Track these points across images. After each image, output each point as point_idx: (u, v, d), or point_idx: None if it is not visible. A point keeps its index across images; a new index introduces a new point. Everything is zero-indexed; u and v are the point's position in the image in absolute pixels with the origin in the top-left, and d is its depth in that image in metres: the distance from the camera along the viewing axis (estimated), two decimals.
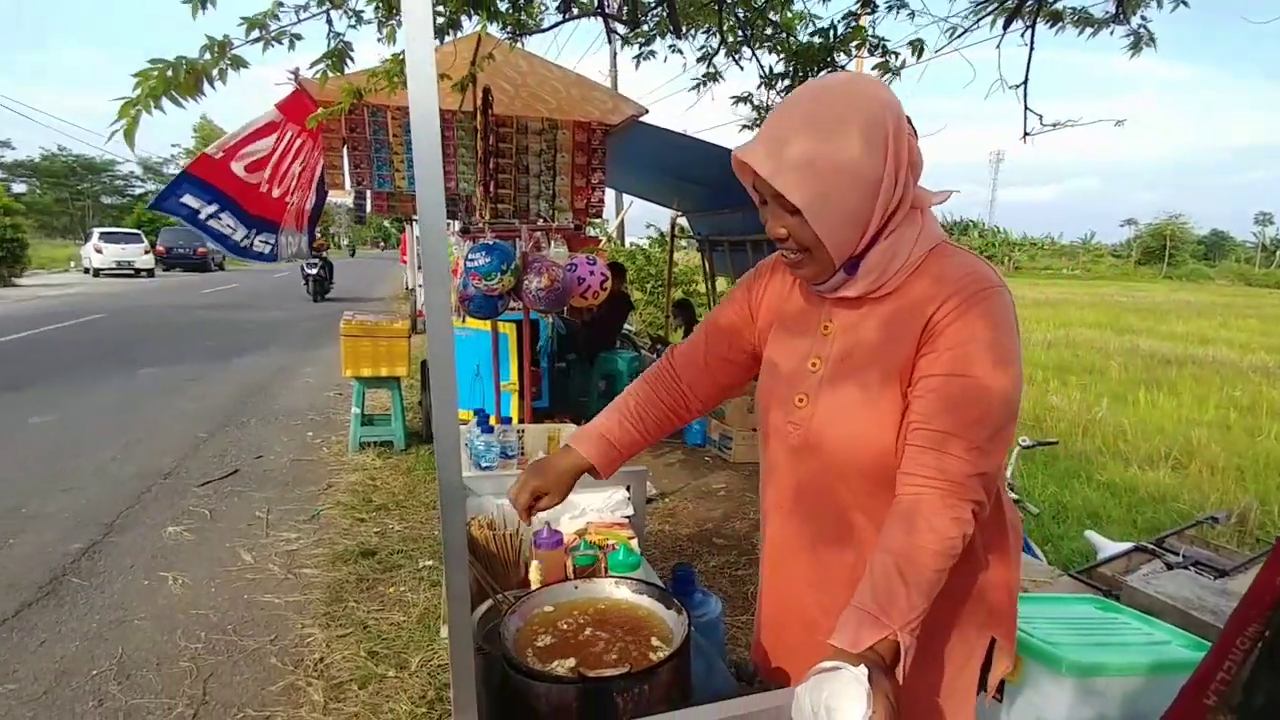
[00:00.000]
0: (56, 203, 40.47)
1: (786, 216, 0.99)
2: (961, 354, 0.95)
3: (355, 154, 3.95)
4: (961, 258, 1.02)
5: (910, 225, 1.01)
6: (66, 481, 4.44)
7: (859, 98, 0.95)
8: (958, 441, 0.93)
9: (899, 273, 1.01)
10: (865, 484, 1.04)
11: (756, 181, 1.00)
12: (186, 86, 2.20)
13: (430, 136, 0.68)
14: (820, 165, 0.93)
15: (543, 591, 1.23)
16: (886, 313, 1.03)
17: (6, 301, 14.69)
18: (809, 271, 1.04)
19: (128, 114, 2.05)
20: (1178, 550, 2.94)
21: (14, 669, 2.59)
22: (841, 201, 0.95)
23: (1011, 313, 0.99)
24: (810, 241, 0.98)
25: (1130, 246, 55.03)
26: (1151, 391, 8.03)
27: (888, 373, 1.01)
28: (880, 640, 0.88)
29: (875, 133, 0.94)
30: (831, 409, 1.05)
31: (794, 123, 0.95)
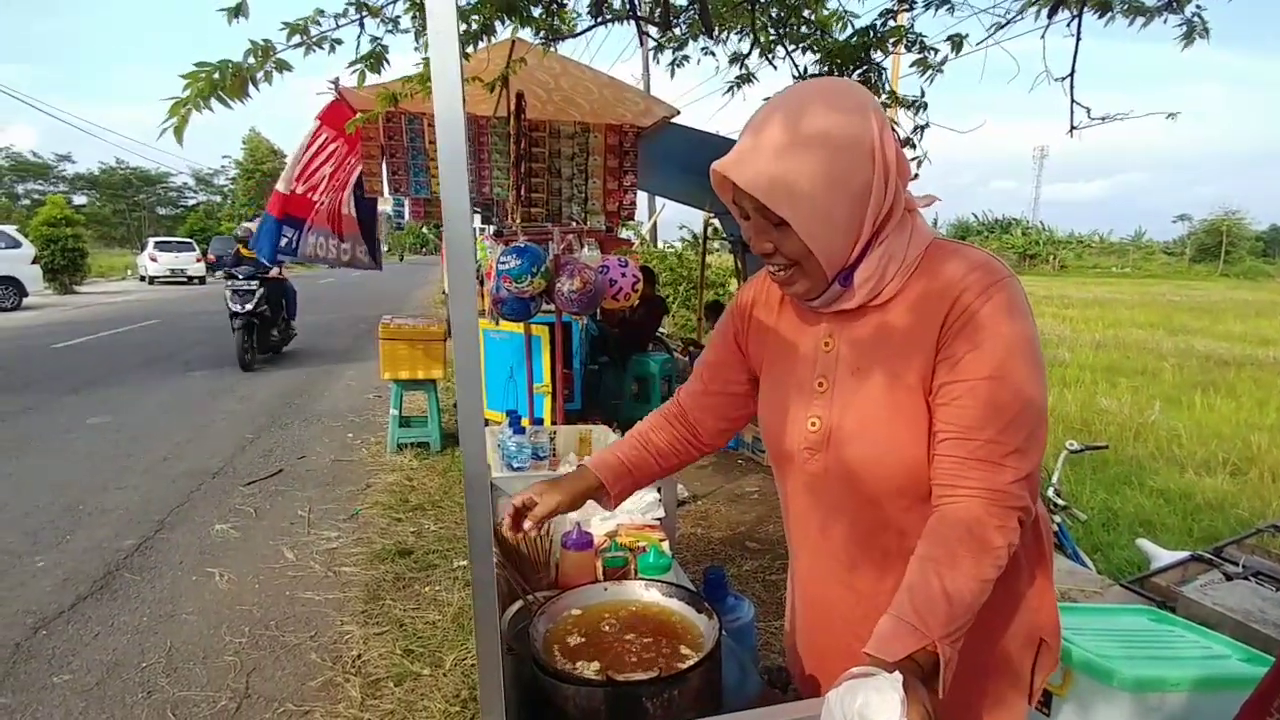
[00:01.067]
0: (115, 214, 42.18)
1: (772, 230, 0.95)
2: (987, 354, 0.90)
3: (393, 161, 4.01)
4: (963, 252, 0.97)
5: (903, 229, 0.97)
6: (121, 480, 4.61)
7: (840, 102, 0.91)
8: (996, 447, 0.89)
9: (896, 277, 0.96)
10: (900, 501, 0.99)
11: (737, 195, 0.96)
12: (233, 88, 2.25)
13: (455, 144, 0.68)
14: (803, 173, 0.89)
15: (572, 594, 1.23)
16: (893, 319, 0.98)
17: (68, 308, 15.33)
18: (801, 287, 0.99)
19: (177, 112, 2.11)
20: (1237, 560, 2.81)
21: (69, 660, 2.69)
22: (828, 209, 0.90)
23: (1025, 301, 0.94)
24: (799, 254, 0.94)
25: (1184, 243, 53.01)
26: (1208, 394, 7.72)
27: (906, 381, 0.96)
28: (918, 650, 0.84)
29: (859, 138, 0.90)
30: (850, 427, 1.00)
31: (773, 132, 0.91)
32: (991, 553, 0.88)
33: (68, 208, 20.38)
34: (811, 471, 1.05)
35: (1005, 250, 50.84)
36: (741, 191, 0.93)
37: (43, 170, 39.84)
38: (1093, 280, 37.22)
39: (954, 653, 0.86)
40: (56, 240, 18.83)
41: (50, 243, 18.63)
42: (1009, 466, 0.89)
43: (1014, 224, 55.13)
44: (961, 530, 0.89)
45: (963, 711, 1.08)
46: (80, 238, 19.87)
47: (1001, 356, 0.89)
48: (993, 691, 1.08)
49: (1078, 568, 3.28)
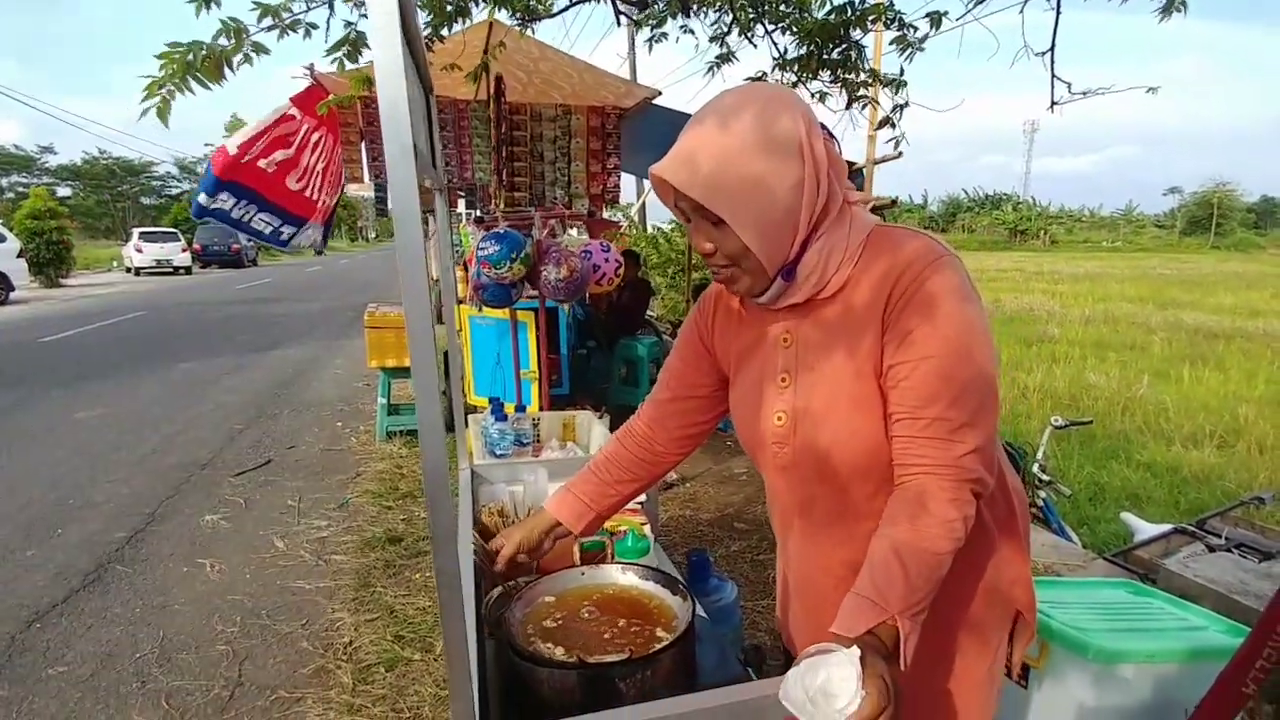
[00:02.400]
0: (99, 205, 41.63)
1: (710, 229, 0.97)
2: (928, 333, 0.92)
3: (373, 147, 3.97)
4: (901, 236, 0.99)
5: (841, 222, 0.99)
6: (111, 473, 4.60)
7: (768, 104, 0.94)
8: (943, 424, 0.91)
9: (841, 268, 0.98)
10: (866, 485, 1.02)
11: (677, 198, 0.98)
12: (207, 69, 2.22)
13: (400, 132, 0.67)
14: (736, 172, 0.92)
15: (549, 578, 1.23)
16: (840, 310, 1.00)
17: (54, 301, 15.20)
18: (743, 284, 1.01)
19: (155, 92, 2.08)
20: (1220, 532, 2.84)
21: (63, 652, 2.70)
22: (762, 206, 0.93)
23: (967, 279, 0.95)
24: (737, 252, 0.96)
25: (1174, 216, 53.13)
26: (1196, 367, 7.77)
27: (859, 369, 0.98)
28: (878, 625, 0.86)
29: (786, 136, 0.93)
30: (813, 419, 1.02)
31: (705, 134, 0.94)
32: (945, 526, 0.90)
33: (51, 199, 20.11)
34: (783, 463, 1.08)
35: (996, 226, 50.92)
36: (681, 194, 0.96)
37: (26, 163, 39.21)
38: (1083, 255, 37.31)
39: (914, 626, 0.88)
40: (41, 233, 18.59)
41: (35, 235, 18.40)
42: (958, 441, 0.91)
43: (1004, 200, 55.12)
44: (915, 506, 0.91)
45: (931, 682, 1.10)
46: (65, 230, 19.62)
47: (944, 334, 0.91)
48: (962, 663, 1.10)
49: (1062, 542, 3.32)
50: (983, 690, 1.10)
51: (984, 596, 1.08)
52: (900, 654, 0.87)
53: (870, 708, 0.78)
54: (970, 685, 1.10)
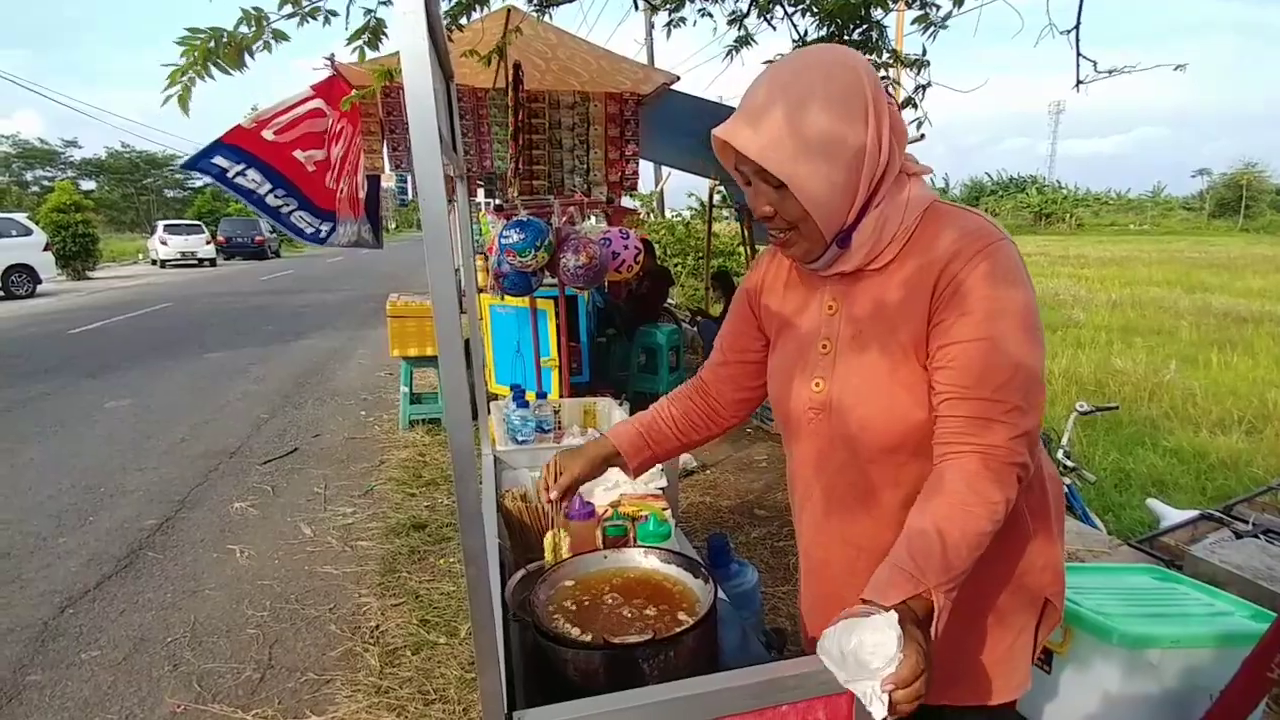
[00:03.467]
0: (123, 198, 42.24)
1: (771, 192, 0.97)
2: (979, 317, 0.91)
3: (393, 137, 3.99)
4: (959, 216, 0.98)
5: (899, 192, 0.98)
6: (141, 461, 4.70)
7: (835, 67, 0.93)
8: (991, 405, 0.90)
9: (894, 240, 0.98)
10: (896, 458, 1.02)
11: (738, 161, 0.98)
12: (228, 56, 2.24)
13: (426, 123, 0.67)
14: (800, 135, 0.91)
15: (573, 561, 1.25)
16: (889, 283, 1.00)
17: (82, 294, 15.49)
18: (800, 249, 1.01)
19: (176, 80, 2.10)
20: (1247, 518, 2.81)
21: (96, 637, 2.77)
22: (824, 171, 0.92)
23: (1020, 264, 0.95)
24: (796, 215, 0.96)
25: (1203, 198, 51.89)
26: (1224, 352, 7.62)
27: (902, 344, 0.98)
28: (913, 597, 0.87)
29: (853, 101, 0.92)
30: (849, 389, 1.03)
31: (770, 97, 0.93)
32: (988, 506, 0.90)
33: (76, 193, 20.43)
34: (816, 432, 1.08)
35: (1021, 210, 50.07)
36: (742, 156, 0.95)
37: (50, 156, 39.83)
38: (1110, 238, 36.60)
39: (948, 601, 0.88)
40: (67, 226, 18.91)
41: (61, 229, 18.72)
42: (1006, 423, 0.91)
43: (1029, 183, 54.17)
44: (960, 484, 0.91)
45: (959, 661, 1.10)
46: (90, 223, 19.94)
47: (996, 317, 0.91)
48: (991, 644, 1.10)
49: (1086, 528, 3.28)
50: (1000, 669, 1.10)
51: (1012, 581, 1.08)
52: (932, 627, 0.88)
53: (907, 671, 0.79)
54: (990, 662, 1.10)
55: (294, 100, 4.27)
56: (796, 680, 0.89)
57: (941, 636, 0.92)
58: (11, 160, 38.50)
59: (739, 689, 0.88)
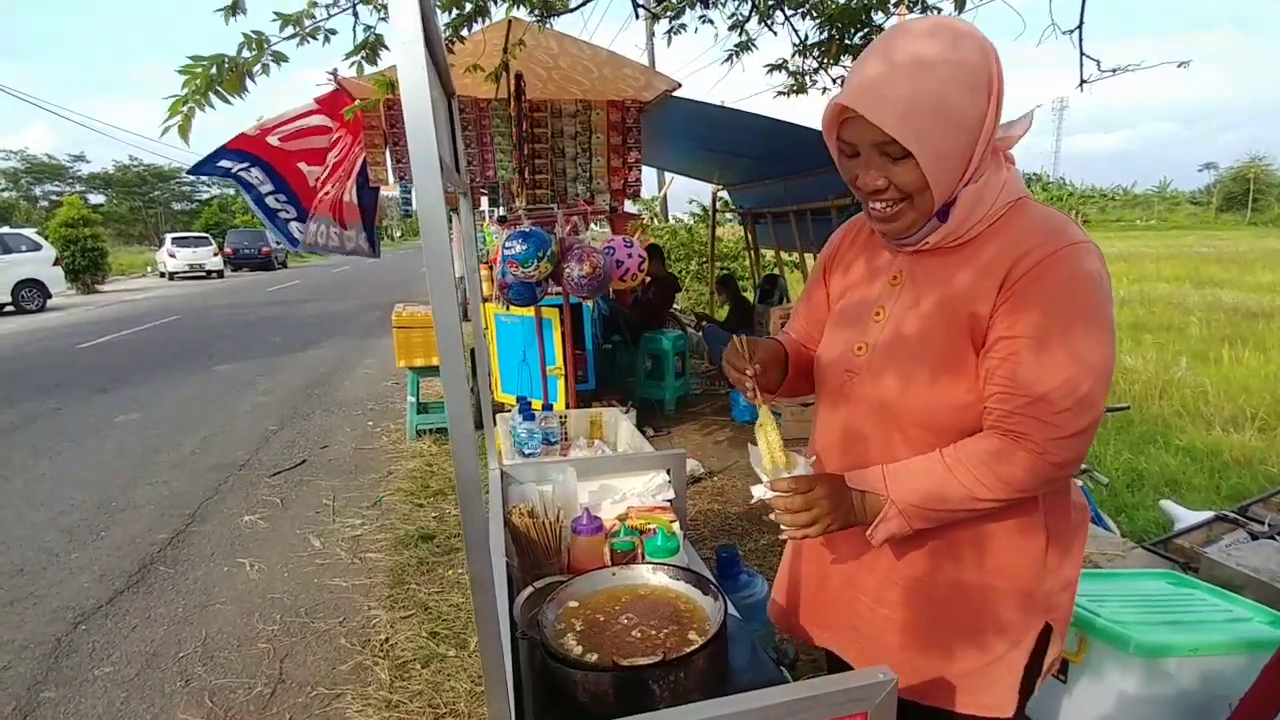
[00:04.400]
0: (131, 211, 42.58)
1: (889, 164, 0.94)
2: (1045, 314, 0.91)
3: (397, 149, 4.01)
4: (1044, 212, 0.98)
5: (996, 171, 0.98)
6: (151, 475, 4.72)
7: (958, 36, 0.91)
8: (1045, 405, 0.90)
9: (981, 220, 0.97)
10: (925, 437, 1.01)
11: (847, 131, 0.96)
12: (230, 84, 2.25)
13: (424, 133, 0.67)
14: (928, 102, 0.89)
15: (581, 579, 1.24)
16: (961, 263, 0.99)
17: (91, 308, 15.59)
18: (903, 223, 0.99)
19: (177, 111, 2.12)
20: (1263, 519, 2.77)
21: (109, 653, 2.78)
22: (951, 142, 0.91)
23: (1100, 269, 0.93)
24: (916, 187, 0.94)
25: (1210, 193, 51.61)
26: (1236, 348, 7.54)
27: (956, 325, 0.98)
28: (870, 494, 0.97)
29: (980, 72, 0.91)
30: (891, 357, 1.03)
31: (897, 65, 0.91)
32: (1001, 483, 0.92)
33: (85, 208, 20.63)
34: (848, 395, 1.09)
35: None
36: (855, 126, 0.94)
37: (58, 171, 40.24)
38: (1117, 234, 36.41)
39: (899, 524, 0.96)
40: (76, 241, 19.09)
41: (70, 243, 18.90)
42: (1053, 424, 0.91)
43: (1034, 180, 53.99)
44: (986, 449, 0.94)
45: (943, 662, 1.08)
46: (99, 237, 20.12)
47: (1068, 319, 0.91)
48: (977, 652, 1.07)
49: (1100, 531, 3.24)
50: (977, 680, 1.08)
51: (1017, 593, 1.05)
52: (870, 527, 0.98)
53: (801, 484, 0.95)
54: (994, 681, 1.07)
55: (297, 112, 4.32)
56: (810, 702, 0.87)
57: (931, 633, 1.02)
58: (20, 175, 38.88)
59: (751, 712, 0.87)
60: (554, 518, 1.54)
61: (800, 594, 1.27)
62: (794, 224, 6.22)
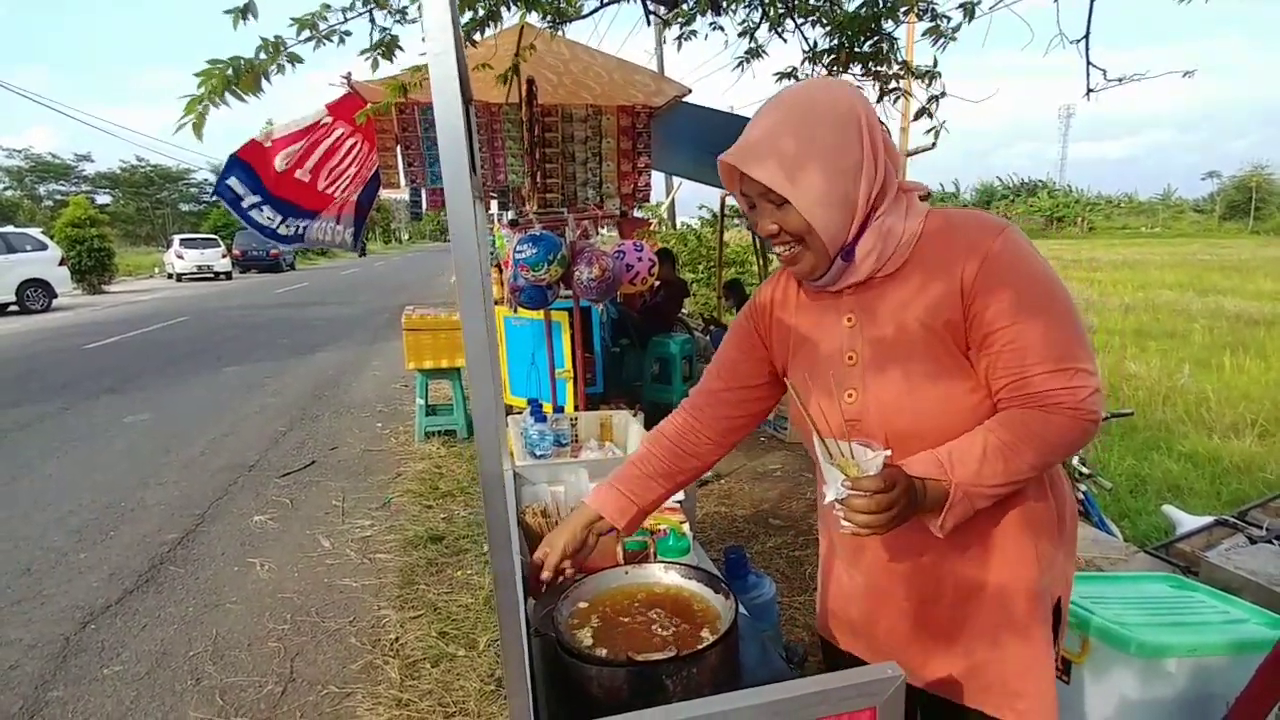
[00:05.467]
0: (138, 212, 42.70)
1: (774, 210, 1.02)
2: (1017, 296, 0.96)
3: (409, 153, 4.05)
4: (961, 214, 1.05)
5: (897, 208, 1.04)
6: (161, 476, 4.76)
7: (830, 94, 1.01)
8: (1061, 373, 0.95)
9: (902, 247, 1.03)
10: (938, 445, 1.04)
11: (743, 185, 1.05)
12: (246, 83, 2.30)
13: (455, 142, 0.70)
14: (800, 153, 0.98)
15: (595, 578, 1.27)
16: (906, 287, 1.04)
17: (98, 308, 15.65)
18: (806, 264, 1.05)
19: (194, 110, 2.16)
20: (1261, 523, 2.79)
21: (119, 652, 2.80)
22: (824, 185, 0.98)
23: (1029, 241, 1.01)
24: (801, 229, 1.01)
25: (1213, 201, 51.52)
26: (1238, 355, 7.55)
27: (932, 335, 1.01)
28: (932, 480, 0.96)
29: (848, 121, 0.99)
30: (888, 392, 1.05)
31: (770, 122, 1.01)
32: (1052, 446, 0.96)
33: (91, 208, 20.59)
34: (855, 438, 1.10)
35: (1032, 214, 49.86)
36: (746, 179, 1.02)
37: (63, 171, 40.27)
38: (1122, 242, 36.37)
39: (964, 506, 0.97)
40: (82, 241, 19.08)
41: (76, 243, 18.89)
42: (1079, 385, 0.95)
43: (1040, 187, 53.94)
44: (1032, 420, 0.97)
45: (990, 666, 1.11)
46: (105, 237, 20.09)
47: (1034, 292, 0.97)
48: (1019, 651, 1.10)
49: (1103, 535, 3.27)
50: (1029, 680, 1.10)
51: (1038, 584, 1.08)
52: (940, 515, 0.97)
53: (873, 484, 0.91)
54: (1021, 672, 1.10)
55: (308, 122, 4.35)
56: (820, 696, 0.90)
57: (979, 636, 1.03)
58: (24, 174, 38.94)
59: (761, 706, 0.89)
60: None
61: (837, 603, 1.28)
62: None
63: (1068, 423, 0.96)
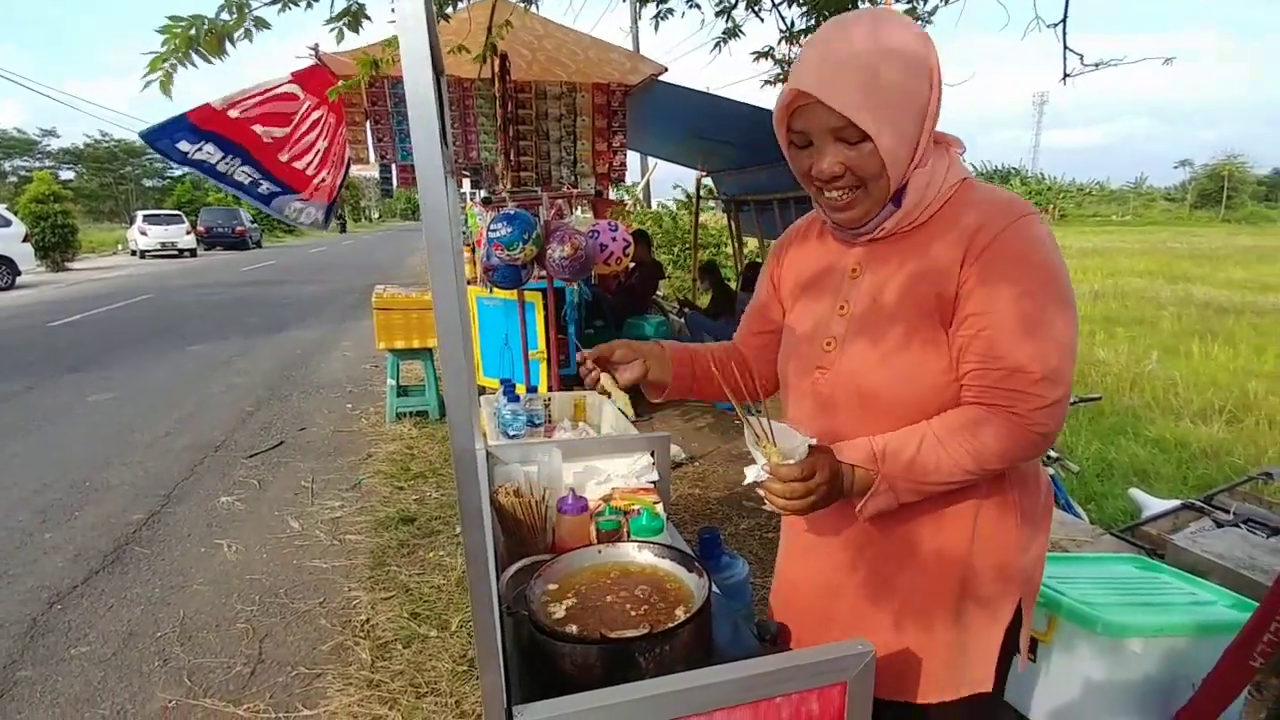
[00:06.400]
0: (101, 187, 41.54)
1: (844, 149, 0.96)
2: (1009, 286, 0.93)
3: (378, 128, 3.96)
4: (990, 189, 1.01)
5: (940, 154, 1.00)
6: (126, 456, 4.66)
7: (901, 30, 0.95)
8: (1022, 376, 0.92)
9: (934, 201, 0.99)
10: (898, 420, 1.02)
11: (801, 120, 0.97)
12: (209, 44, 2.22)
13: (426, 110, 0.67)
14: (884, 89, 0.91)
15: (568, 556, 1.25)
16: (918, 244, 1.01)
17: (61, 285, 15.25)
18: (859, 211, 1.00)
19: (158, 67, 2.08)
20: (1228, 508, 2.85)
21: (85, 633, 2.75)
22: (905, 125, 0.94)
23: (1051, 237, 0.97)
24: (872, 172, 0.96)
25: (1185, 189, 52.53)
26: (1206, 342, 7.73)
27: (922, 307, 0.99)
28: (860, 467, 0.96)
29: (923, 58, 0.94)
30: (865, 348, 1.04)
31: (848, 52, 0.92)
32: (990, 454, 0.94)
33: (55, 183, 20.08)
34: (821, 391, 1.09)
35: None
36: (809, 113, 0.95)
37: (27, 146, 39.10)
38: (1093, 229, 36.96)
39: (888, 498, 0.97)
40: (46, 217, 18.61)
41: (40, 220, 18.42)
42: (1034, 394, 0.93)
43: (1013, 174, 54.52)
44: (974, 423, 0.95)
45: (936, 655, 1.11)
46: (69, 214, 19.62)
47: (1030, 287, 0.93)
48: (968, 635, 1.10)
49: (1070, 518, 3.32)
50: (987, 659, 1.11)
51: (997, 573, 1.08)
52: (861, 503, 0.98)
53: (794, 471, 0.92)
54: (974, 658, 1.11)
55: (269, 85, 4.22)
56: (791, 673, 0.90)
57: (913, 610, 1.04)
58: None
59: (734, 681, 0.89)
60: (539, 497, 1.55)
61: (794, 589, 1.28)
62: (777, 212, 6.24)
63: (1012, 430, 0.93)
